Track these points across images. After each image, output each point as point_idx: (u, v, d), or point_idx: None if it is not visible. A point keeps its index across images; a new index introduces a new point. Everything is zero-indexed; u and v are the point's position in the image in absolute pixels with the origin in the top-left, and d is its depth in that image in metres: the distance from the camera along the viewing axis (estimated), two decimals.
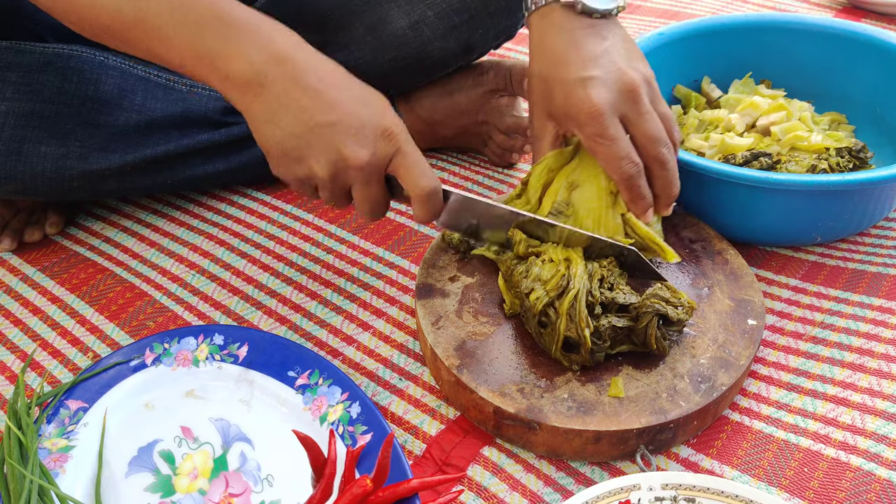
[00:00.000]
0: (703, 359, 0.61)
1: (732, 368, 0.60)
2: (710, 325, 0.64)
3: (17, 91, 0.74)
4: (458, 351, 0.62)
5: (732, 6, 1.41)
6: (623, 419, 0.56)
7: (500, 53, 1.15)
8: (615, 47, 0.63)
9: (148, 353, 0.65)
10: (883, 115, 0.86)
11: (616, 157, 0.62)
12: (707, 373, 0.60)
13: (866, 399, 0.62)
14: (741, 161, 0.77)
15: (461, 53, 0.86)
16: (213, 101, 0.85)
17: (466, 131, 0.94)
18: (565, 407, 0.57)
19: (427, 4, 0.81)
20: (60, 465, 0.57)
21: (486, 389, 0.59)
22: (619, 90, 0.61)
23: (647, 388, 0.59)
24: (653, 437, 0.57)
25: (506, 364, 0.61)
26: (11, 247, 0.84)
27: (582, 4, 0.63)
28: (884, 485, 0.55)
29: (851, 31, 0.87)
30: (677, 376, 0.60)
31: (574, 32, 0.63)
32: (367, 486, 0.52)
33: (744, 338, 0.63)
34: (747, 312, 0.65)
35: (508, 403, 0.58)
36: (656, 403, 0.57)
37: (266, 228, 0.86)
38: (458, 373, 0.60)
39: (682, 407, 0.57)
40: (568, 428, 0.56)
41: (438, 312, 0.66)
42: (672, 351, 0.61)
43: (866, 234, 0.80)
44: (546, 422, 0.56)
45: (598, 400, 0.58)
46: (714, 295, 0.67)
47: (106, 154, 0.78)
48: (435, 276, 0.70)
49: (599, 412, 0.57)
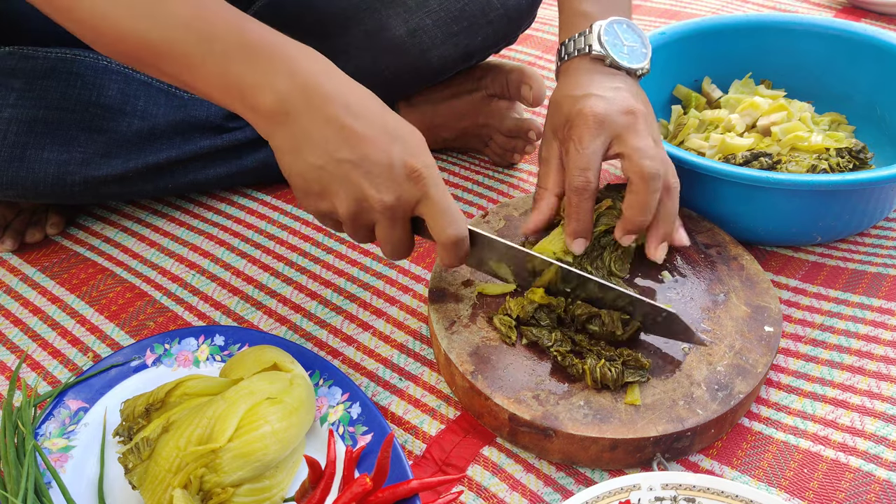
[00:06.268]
0: (720, 366, 0.60)
1: (750, 376, 0.59)
2: (727, 332, 0.63)
3: (20, 97, 0.74)
4: (472, 357, 0.61)
5: (732, 6, 1.41)
6: (640, 427, 0.55)
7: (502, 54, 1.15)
8: (631, 90, 0.66)
9: (149, 354, 0.66)
10: (883, 115, 0.86)
11: (576, 164, 0.62)
12: (724, 380, 0.59)
13: (865, 401, 0.62)
14: (741, 161, 0.77)
15: (460, 60, 0.86)
16: (215, 107, 0.85)
17: (467, 133, 0.94)
18: (581, 414, 0.57)
19: (426, 12, 0.81)
20: (61, 465, 0.57)
21: (501, 396, 0.58)
22: (620, 110, 0.63)
23: (664, 395, 0.58)
24: (669, 446, 0.56)
25: (521, 370, 0.60)
26: (13, 247, 0.84)
27: (611, 59, 0.67)
28: (883, 485, 0.55)
29: (851, 31, 0.88)
30: (694, 384, 0.59)
31: (596, 74, 0.66)
32: (367, 485, 0.51)
33: (761, 345, 0.62)
34: (764, 319, 0.64)
35: (524, 410, 0.57)
36: (673, 411, 0.57)
37: (266, 228, 0.86)
38: (473, 379, 0.59)
39: (699, 415, 0.56)
40: (584, 435, 0.55)
41: (452, 317, 0.65)
42: (689, 358, 0.61)
43: (866, 234, 0.80)
44: (562, 429, 0.55)
45: (615, 407, 0.57)
46: (730, 301, 0.66)
47: (108, 160, 0.78)
48: (448, 281, 0.69)
49: (616, 420, 0.56)
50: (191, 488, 0.50)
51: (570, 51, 0.69)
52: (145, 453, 0.52)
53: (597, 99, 0.64)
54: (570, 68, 0.69)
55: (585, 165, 0.62)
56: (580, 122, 0.63)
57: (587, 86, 0.65)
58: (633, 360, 0.59)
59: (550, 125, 0.68)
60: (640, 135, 0.63)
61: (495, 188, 0.92)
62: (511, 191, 0.91)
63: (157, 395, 0.56)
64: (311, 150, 0.53)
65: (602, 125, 0.62)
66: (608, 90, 0.65)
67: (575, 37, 0.69)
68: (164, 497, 0.50)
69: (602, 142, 0.63)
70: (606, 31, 0.67)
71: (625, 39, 0.68)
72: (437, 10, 0.81)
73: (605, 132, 0.63)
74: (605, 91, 0.64)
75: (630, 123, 0.63)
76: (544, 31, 1.30)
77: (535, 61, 1.21)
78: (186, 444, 0.51)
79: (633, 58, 0.68)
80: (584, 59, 0.68)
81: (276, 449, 0.53)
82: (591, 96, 0.64)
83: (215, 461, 0.50)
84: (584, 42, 0.68)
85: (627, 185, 0.63)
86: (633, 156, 0.62)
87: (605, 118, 0.63)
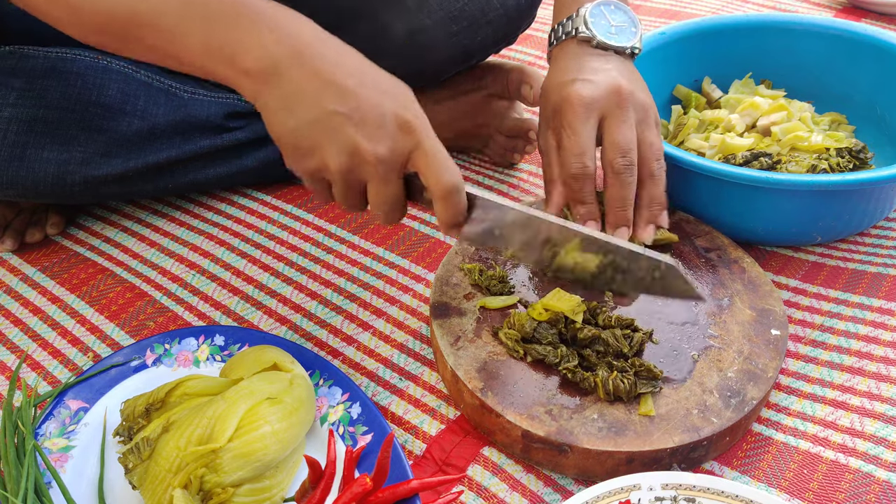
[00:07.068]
0: (731, 372, 0.60)
1: (761, 381, 0.59)
2: (734, 337, 0.63)
3: (20, 97, 0.74)
4: (480, 373, 0.60)
5: (732, 6, 1.41)
6: (655, 438, 0.55)
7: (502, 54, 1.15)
8: (620, 69, 0.66)
9: (149, 354, 0.66)
10: (883, 115, 0.86)
11: (570, 150, 0.63)
12: (736, 387, 0.58)
13: (865, 402, 0.62)
14: (741, 161, 0.77)
15: (460, 60, 0.86)
16: (215, 107, 0.85)
17: (467, 133, 0.94)
18: (596, 428, 0.56)
19: (425, 13, 0.81)
20: (61, 465, 0.57)
21: (513, 412, 0.57)
22: (606, 91, 0.63)
23: (677, 404, 0.57)
24: (686, 456, 0.56)
25: (531, 384, 0.59)
26: (13, 247, 0.84)
27: (597, 40, 0.66)
28: (883, 486, 0.55)
29: (851, 31, 0.87)
30: (706, 391, 0.58)
31: (584, 57, 0.66)
32: (367, 485, 0.51)
33: (769, 349, 0.62)
34: (770, 322, 0.64)
35: (538, 426, 0.56)
36: (688, 421, 0.56)
37: (266, 228, 0.86)
38: (483, 396, 0.58)
39: (714, 423, 0.56)
40: (600, 450, 0.54)
41: (456, 333, 0.64)
42: (699, 365, 0.60)
43: (866, 234, 0.80)
44: (577, 444, 0.54)
45: (629, 419, 0.56)
46: (735, 305, 0.66)
47: (108, 160, 0.78)
48: (450, 295, 0.68)
49: (631, 432, 0.55)
50: (191, 488, 0.50)
51: (558, 35, 0.69)
52: (145, 453, 0.52)
53: (582, 84, 0.63)
54: (559, 54, 0.69)
55: (580, 151, 0.62)
56: (567, 108, 0.63)
57: (574, 70, 0.65)
58: (644, 371, 0.59)
59: (543, 115, 0.68)
60: (621, 119, 0.63)
61: (495, 188, 0.91)
62: (511, 191, 0.91)
63: (157, 395, 0.56)
64: (301, 105, 0.53)
65: (589, 108, 0.62)
66: (594, 72, 0.64)
67: (563, 21, 0.69)
68: (165, 497, 0.50)
69: (592, 124, 0.63)
70: (592, 12, 0.67)
71: (612, 19, 0.68)
72: (436, 10, 0.81)
73: (594, 115, 0.63)
74: (590, 74, 0.64)
75: (616, 104, 0.63)
76: (544, 31, 1.30)
77: (535, 61, 1.21)
78: (186, 444, 0.51)
79: (621, 37, 0.67)
80: (571, 43, 0.68)
81: (276, 449, 0.53)
82: (576, 81, 0.64)
83: (215, 461, 0.50)
84: (571, 25, 0.68)
85: (604, 180, 0.64)
86: (607, 149, 0.63)
87: (591, 101, 0.63)
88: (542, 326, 0.62)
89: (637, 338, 0.61)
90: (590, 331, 0.61)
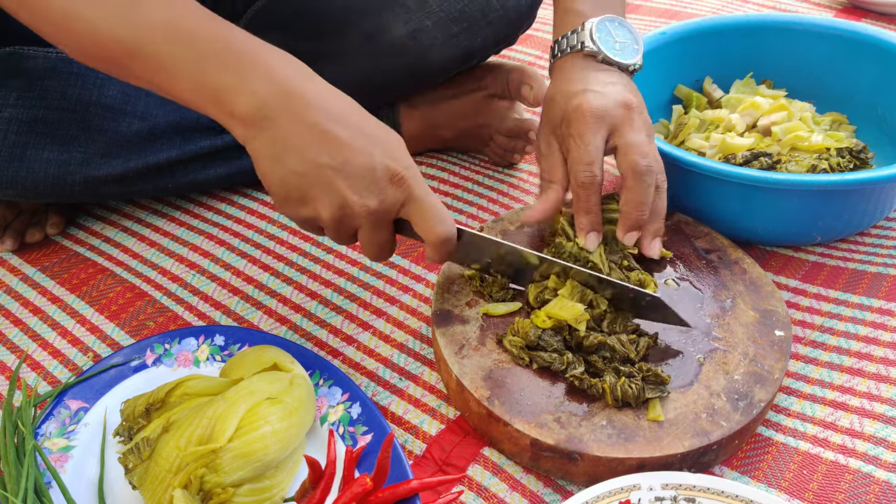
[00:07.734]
0: (737, 374, 0.59)
1: (768, 383, 0.58)
2: (739, 339, 0.62)
3: (20, 97, 0.74)
4: (486, 381, 0.59)
5: (733, 6, 1.41)
6: (665, 444, 0.54)
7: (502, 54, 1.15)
8: (625, 85, 0.67)
9: (149, 354, 0.66)
10: (884, 115, 0.86)
11: (579, 159, 0.63)
12: (743, 389, 0.58)
13: (864, 403, 0.62)
14: (741, 161, 0.77)
15: (460, 61, 0.86)
16: None
17: (467, 133, 0.94)
18: (605, 435, 0.55)
19: (425, 13, 0.81)
20: (61, 465, 0.57)
21: (521, 421, 0.56)
22: (615, 104, 0.64)
23: (686, 409, 0.57)
24: (696, 460, 0.55)
25: (537, 392, 0.58)
26: (13, 247, 0.84)
27: (603, 55, 0.67)
28: (882, 487, 0.55)
29: (852, 31, 0.88)
30: (714, 395, 0.58)
31: (590, 70, 0.67)
32: (367, 485, 0.52)
33: (774, 350, 0.61)
34: (773, 323, 0.64)
35: (546, 435, 0.55)
36: (697, 425, 0.56)
37: (266, 228, 0.86)
38: (490, 404, 0.57)
39: (723, 427, 0.55)
40: (611, 457, 0.54)
41: (460, 341, 0.63)
42: (705, 368, 0.60)
43: (866, 234, 0.80)
44: (587, 451, 0.54)
45: (638, 425, 0.56)
46: (738, 307, 0.66)
47: (108, 160, 0.78)
48: (452, 302, 0.67)
49: (641, 438, 0.55)
50: (191, 488, 0.50)
51: (562, 48, 0.69)
52: (145, 453, 0.52)
53: (593, 94, 0.64)
54: (564, 65, 0.69)
55: (589, 160, 0.63)
56: (578, 118, 0.64)
57: (582, 82, 0.66)
58: (652, 375, 0.58)
59: (547, 122, 0.68)
60: (635, 129, 0.64)
61: (495, 188, 0.91)
62: (511, 191, 0.91)
63: (157, 395, 0.56)
64: (291, 156, 0.52)
65: (600, 119, 0.63)
66: (602, 85, 0.65)
67: (567, 34, 0.69)
68: (165, 497, 0.50)
69: (602, 136, 0.63)
70: (598, 28, 0.68)
71: (616, 36, 0.69)
72: (437, 11, 0.81)
73: (604, 126, 0.63)
74: (599, 86, 0.65)
75: (626, 116, 0.64)
76: (544, 31, 1.30)
77: (535, 61, 1.21)
78: (187, 444, 0.51)
79: (625, 54, 0.68)
80: (576, 56, 0.68)
81: (277, 449, 0.53)
82: (586, 92, 0.64)
83: (215, 461, 0.50)
84: (576, 39, 0.68)
85: (623, 182, 0.64)
86: (628, 151, 0.63)
87: (603, 113, 0.63)
88: (547, 333, 0.61)
89: (643, 342, 0.61)
90: (595, 337, 0.60)
